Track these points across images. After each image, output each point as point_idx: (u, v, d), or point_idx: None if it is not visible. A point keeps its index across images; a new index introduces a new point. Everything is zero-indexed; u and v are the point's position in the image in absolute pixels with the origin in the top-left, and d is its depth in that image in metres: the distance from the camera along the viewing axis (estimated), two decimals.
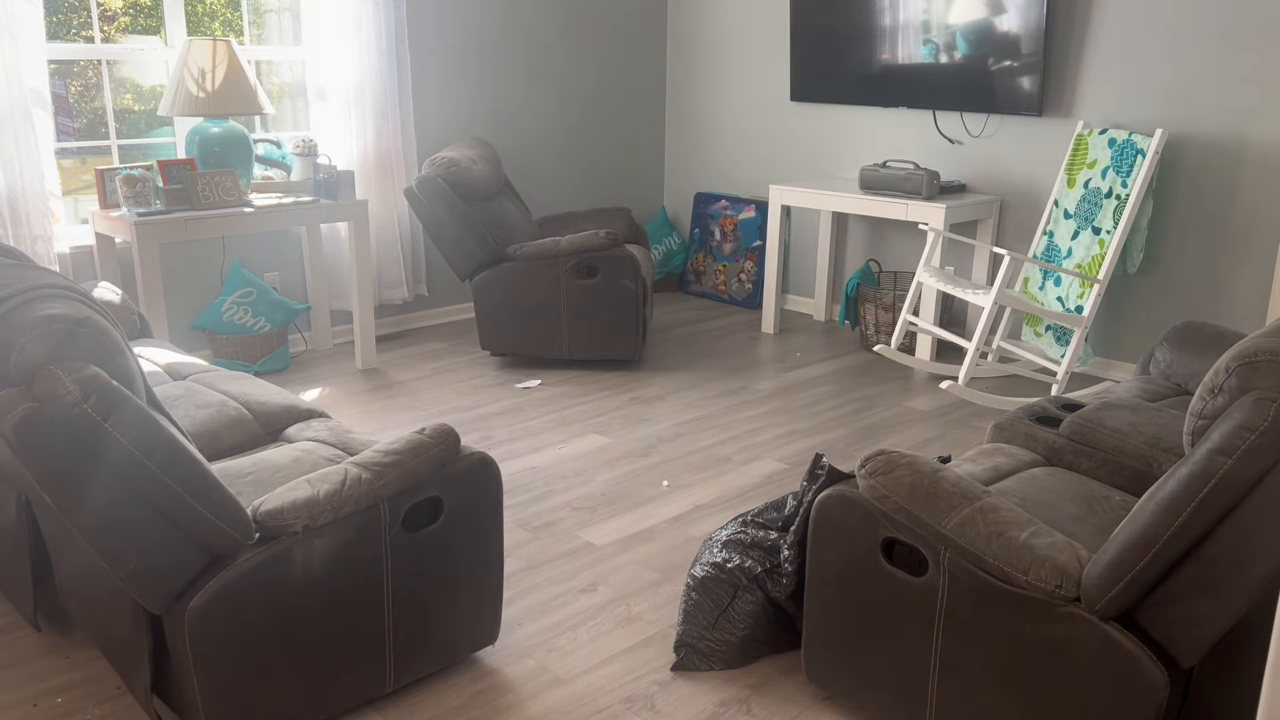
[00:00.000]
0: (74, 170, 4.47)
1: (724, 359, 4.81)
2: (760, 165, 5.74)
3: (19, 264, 2.22)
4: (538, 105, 5.53)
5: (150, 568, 1.86)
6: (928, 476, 1.98)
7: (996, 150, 4.77)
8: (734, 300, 5.82)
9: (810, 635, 2.21)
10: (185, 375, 2.95)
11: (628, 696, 2.30)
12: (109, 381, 1.79)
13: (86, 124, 4.46)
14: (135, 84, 4.54)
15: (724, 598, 2.38)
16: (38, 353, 1.79)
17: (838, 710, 2.25)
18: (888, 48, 4.94)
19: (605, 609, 2.66)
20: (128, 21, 4.53)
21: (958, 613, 1.92)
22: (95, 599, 2.15)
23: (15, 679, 2.33)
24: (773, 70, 5.55)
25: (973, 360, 4.04)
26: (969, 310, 4.91)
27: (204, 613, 1.89)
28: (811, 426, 3.95)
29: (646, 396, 4.25)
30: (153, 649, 2.00)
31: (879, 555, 2.03)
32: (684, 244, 6.13)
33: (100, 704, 2.25)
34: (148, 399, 2.01)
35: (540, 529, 3.09)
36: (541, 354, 4.55)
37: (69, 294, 2.01)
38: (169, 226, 3.91)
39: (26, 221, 3.91)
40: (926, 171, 4.51)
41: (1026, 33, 4.41)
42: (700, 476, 3.48)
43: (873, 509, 2.01)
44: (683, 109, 6.09)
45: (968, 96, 4.69)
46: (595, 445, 3.74)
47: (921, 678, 2.01)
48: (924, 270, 4.34)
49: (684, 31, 5.97)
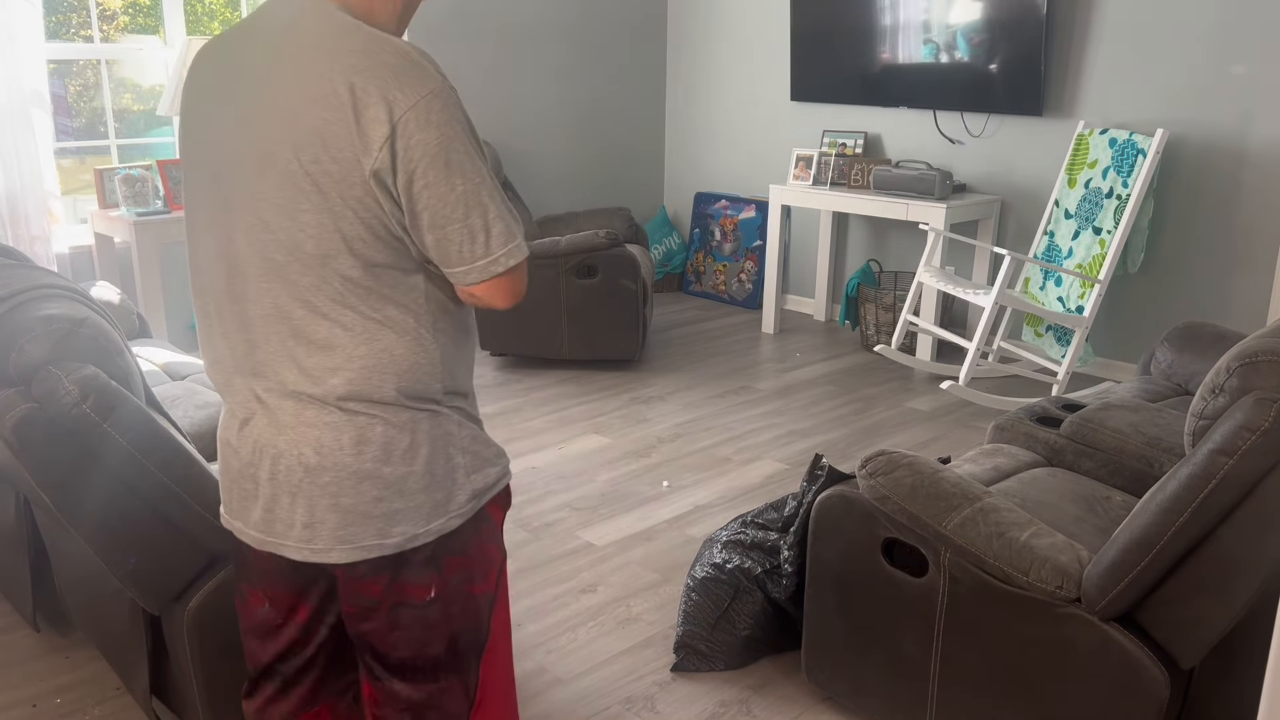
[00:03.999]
0: (73, 170, 4.47)
1: (724, 359, 4.81)
2: (760, 165, 5.74)
3: (18, 264, 2.22)
4: (537, 105, 5.53)
5: (149, 568, 1.85)
6: (928, 477, 1.98)
7: (997, 150, 4.77)
8: (734, 300, 5.81)
9: (810, 635, 2.21)
10: (184, 375, 2.95)
11: (628, 697, 2.30)
12: (108, 382, 1.79)
13: (85, 124, 4.46)
14: (134, 83, 4.54)
15: (724, 598, 2.38)
16: (37, 353, 1.79)
17: (838, 710, 2.25)
18: (888, 47, 4.94)
19: (605, 609, 2.65)
20: (127, 21, 4.53)
21: (958, 613, 1.92)
22: (95, 599, 2.15)
23: (15, 679, 2.33)
24: (773, 70, 5.55)
25: (973, 360, 4.04)
26: (969, 310, 4.91)
27: (203, 613, 1.89)
28: (811, 427, 3.95)
29: (646, 396, 4.24)
30: (152, 649, 1.99)
31: (879, 555, 2.02)
32: (684, 244, 6.13)
33: (100, 704, 2.25)
34: (146, 399, 2.01)
35: (540, 529, 3.08)
36: (541, 354, 4.55)
37: (68, 294, 2.01)
38: (168, 226, 3.91)
39: (25, 221, 3.91)
40: (939, 172, 4.50)
41: (1027, 33, 4.41)
42: (700, 477, 3.47)
43: (873, 509, 2.01)
44: (683, 109, 6.09)
45: (968, 96, 4.69)
46: (595, 445, 3.74)
47: (922, 678, 2.00)
48: (924, 270, 4.33)
49: (684, 31, 5.97)
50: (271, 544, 1.34)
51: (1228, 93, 4.03)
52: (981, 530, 1.87)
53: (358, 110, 1.16)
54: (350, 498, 1.29)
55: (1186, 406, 2.69)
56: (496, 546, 1.45)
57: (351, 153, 1.17)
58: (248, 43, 1.27)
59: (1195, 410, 1.77)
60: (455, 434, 1.35)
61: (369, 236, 1.21)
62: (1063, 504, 2.12)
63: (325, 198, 1.19)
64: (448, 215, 1.22)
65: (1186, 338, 2.96)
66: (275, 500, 1.31)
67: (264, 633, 1.47)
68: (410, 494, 1.31)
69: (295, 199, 1.20)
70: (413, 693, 1.40)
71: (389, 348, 1.26)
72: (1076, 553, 1.81)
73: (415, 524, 1.32)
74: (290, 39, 1.22)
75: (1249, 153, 4.02)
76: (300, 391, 1.27)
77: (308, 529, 1.30)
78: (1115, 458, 2.36)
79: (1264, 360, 1.66)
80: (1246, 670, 1.88)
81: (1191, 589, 1.68)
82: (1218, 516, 1.64)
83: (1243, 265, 4.11)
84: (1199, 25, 4.06)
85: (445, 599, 1.37)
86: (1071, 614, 1.77)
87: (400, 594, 1.35)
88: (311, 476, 1.28)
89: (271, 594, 1.43)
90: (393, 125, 1.16)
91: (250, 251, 1.25)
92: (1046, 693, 1.83)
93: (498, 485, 1.41)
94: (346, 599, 1.38)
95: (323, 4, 1.23)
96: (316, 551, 1.31)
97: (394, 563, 1.33)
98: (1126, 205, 4.01)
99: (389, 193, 1.20)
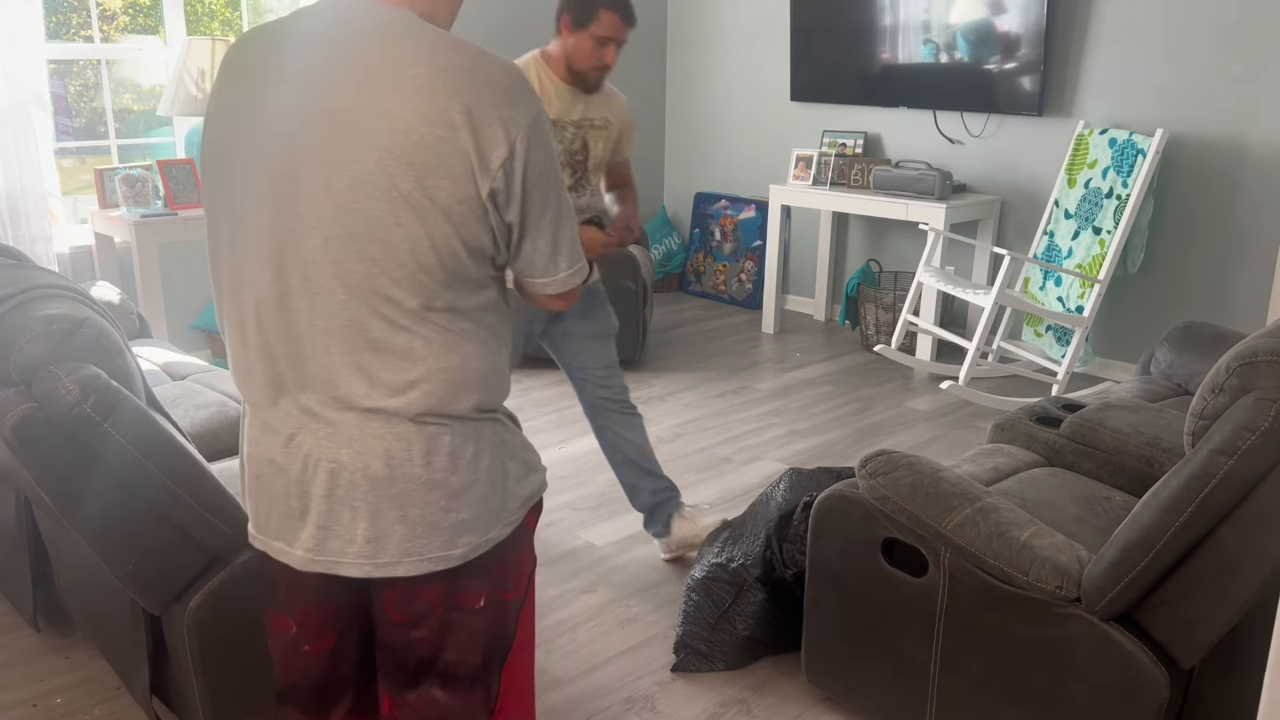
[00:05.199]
0: (73, 170, 4.47)
1: (724, 359, 4.81)
2: (760, 165, 5.74)
3: (18, 264, 2.22)
4: None
5: (149, 567, 1.85)
6: (928, 477, 1.98)
7: (997, 150, 4.77)
8: (734, 300, 5.81)
9: (810, 636, 2.21)
10: (184, 375, 2.95)
11: (628, 697, 2.30)
12: (108, 382, 1.79)
13: (85, 124, 4.46)
14: (134, 84, 4.54)
15: (725, 599, 2.38)
16: (37, 353, 1.79)
17: (838, 711, 2.25)
18: (888, 47, 4.94)
19: (605, 609, 2.65)
20: (127, 21, 4.54)
21: (958, 613, 1.92)
22: (95, 599, 2.15)
23: (15, 679, 2.33)
24: (773, 70, 5.55)
25: (973, 360, 4.04)
26: (969, 310, 4.91)
27: (203, 613, 1.89)
28: (811, 427, 3.95)
29: (646, 396, 4.24)
30: (152, 649, 1.99)
31: (879, 555, 2.02)
32: (684, 244, 6.13)
33: (100, 704, 2.25)
34: (147, 399, 2.01)
35: (540, 529, 3.08)
36: (542, 354, 4.54)
37: (68, 294, 2.01)
38: (168, 226, 3.91)
39: (26, 221, 3.91)
40: (939, 172, 4.50)
41: (1027, 33, 4.41)
42: (700, 477, 3.47)
43: (873, 509, 2.01)
44: (683, 109, 6.09)
45: (968, 96, 4.69)
46: (595, 445, 3.72)
47: (922, 678, 2.00)
48: (924, 270, 4.33)
49: (684, 31, 5.97)
50: (322, 563, 1.30)
51: (1228, 93, 4.03)
52: (981, 530, 1.87)
53: (475, 130, 1.16)
54: (419, 509, 1.27)
55: (1186, 406, 2.69)
56: (528, 554, 1.45)
57: (466, 171, 1.17)
58: (313, 42, 1.22)
59: (1195, 410, 1.77)
60: (510, 441, 1.37)
61: (462, 251, 1.21)
62: (1063, 504, 2.12)
63: (427, 212, 1.18)
64: (541, 230, 1.28)
65: (1186, 338, 2.96)
66: (332, 516, 1.27)
67: (291, 653, 1.44)
68: (474, 503, 1.30)
69: (392, 211, 1.17)
70: (449, 700, 1.39)
71: (467, 360, 1.27)
72: (1076, 553, 1.81)
73: (478, 533, 1.31)
74: (376, 45, 1.18)
75: (1249, 153, 4.02)
76: (372, 406, 1.24)
77: (370, 544, 1.27)
78: (1115, 458, 2.36)
79: (1264, 360, 1.66)
80: (1246, 670, 1.88)
81: (1191, 589, 1.68)
82: (1218, 516, 1.64)
83: (1242, 265, 4.11)
84: (1199, 25, 4.06)
85: (490, 606, 1.37)
86: (1071, 614, 1.77)
87: (454, 600, 1.34)
88: (378, 489, 1.26)
89: (301, 616, 1.40)
90: (510, 147, 1.19)
91: (324, 261, 1.20)
92: (1046, 693, 1.83)
93: (538, 494, 1.42)
94: (397, 609, 1.34)
95: (395, 9, 1.21)
96: (380, 566, 1.28)
97: (451, 572, 1.32)
98: (1126, 205, 4.01)
99: (497, 210, 1.22)
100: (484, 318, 1.29)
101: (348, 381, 1.24)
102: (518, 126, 1.19)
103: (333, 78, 1.18)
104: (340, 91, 1.18)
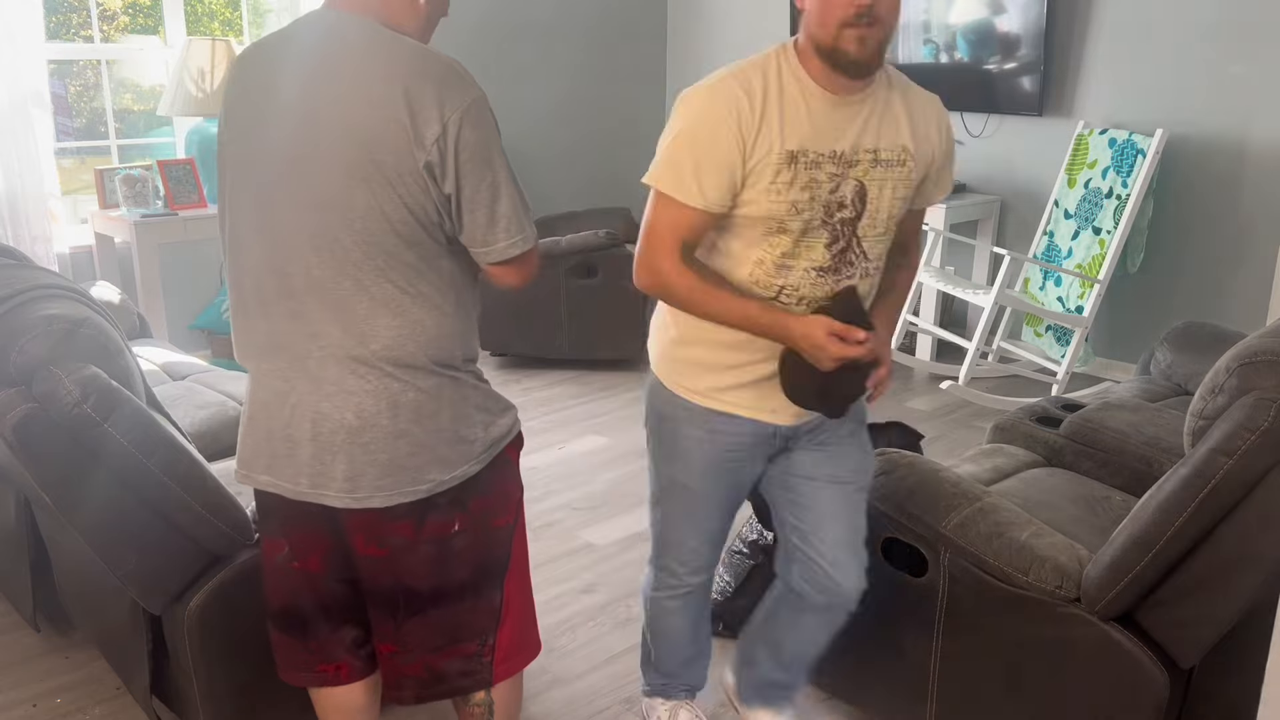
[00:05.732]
0: (73, 170, 4.47)
1: None
2: None
3: (19, 264, 2.22)
4: (537, 105, 5.53)
5: (149, 568, 1.86)
6: (928, 477, 1.98)
7: (997, 150, 4.77)
8: None
9: None
10: (185, 375, 2.95)
11: (628, 697, 2.30)
12: (108, 382, 1.79)
13: (86, 124, 4.47)
14: (135, 84, 4.54)
15: (744, 569, 2.45)
16: (37, 353, 1.79)
17: (838, 710, 2.25)
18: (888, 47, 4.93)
19: (605, 609, 2.65)
20: (127, 21, 4.54)
21: (958, 613, 1.92)
22: (95, 599, 2.15)
23: (15, 679, 2.33)
24: None
25: (973, 360, 4.04)
26: (969, 310, 4.90)
27: (203, 613, 1.89)
28: None
29: None
30: (152, 649, 1.99)
31: (879, 555, 2.02)
32: None
33: (100, 704, 2.25)
34: (147, 399, 2.01)
35: (540, 529, 3.08)
36: (542, 354, 4.55)
37: (68, 294, 2.01)
38: (169, 226, 3.91)
39: (26, 221, 3.91)
40: None
41: (1026, 33, 4.41)
42: None
43: (873, 509, 2.01)
44: None
45: (968, 96, 4.68)
46: (595, 445, 3.74)
47: (921, 678, 2.00)
48: (924, 270, 4.33)
49: (684, 31, 5.97)
50: (312, 495, 1.51)
51: (1228, 93, 4.03)
52: (981, 530, 1.87)
53: (413, 111, 1.38)
54: (387, 454, 1.48)
55: (1186, 406, 2.69)
56: (514, 484, 1.67)
57: (406, 147, 1.38)
58: (293, 51, 1.48)
59: (1195, 410, 1.77)
60: (471, 395, 1.56)
61: (410, 220, 1.42)
62: (1062, 504, 2.12)
63: (379, 185, 1.39)
64: (477, 204, 1.45)
65: (1186, 338, 2.96)
66: (317, 457, 1.49)
67: (282, 573, 1.65)
68: (437, 448, 1.51)
69: (351, 185, 1.40)
70: (445, 616, 1.60)
71: (420, 319, 1.47)
72: (1076, 552, 1.81)
73: (441, 471, 1.52)
74: (340, 49, 1.43)
75: (1249, 153, 4.02)
76: (346, 354, 1.45)
77: (349, 481, 1.49)
78: (1115, 458, 2.36)
79: (1264, 360, 1.66)
80: (1246, 670, 1.88)
81: (1191, 588, 1.68)
82: (1217, 516, 1.64)
83: (1242, 265, 4.10)
84: (1199, 25, 4.06)
85: (470, 531, 1.58)
86: (1071, 614, 1.77)
87: (429, 531, 1.55)
88: (353, 437, 1.48)
89: (292, 536, 1.62)
90: (443, 125, 1.39)
91: (303, 231, 1.43)
92: (1046, 692, 1.83)
93: (510, 433, 1.63)
94: (379, 542, 1.55)
95: (361, 19, 1.44)
96: (358, 499, 1.50)
97: (422, 507, 1.53)
98: (1126, 205, 4.01)
99: (435, 182, 1.41)
100: (439, 281, 1.48)
101: (331, 331, 1.45)
102: (452, 108, 1.39)
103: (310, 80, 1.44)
104: (316, 91, 1.43)
